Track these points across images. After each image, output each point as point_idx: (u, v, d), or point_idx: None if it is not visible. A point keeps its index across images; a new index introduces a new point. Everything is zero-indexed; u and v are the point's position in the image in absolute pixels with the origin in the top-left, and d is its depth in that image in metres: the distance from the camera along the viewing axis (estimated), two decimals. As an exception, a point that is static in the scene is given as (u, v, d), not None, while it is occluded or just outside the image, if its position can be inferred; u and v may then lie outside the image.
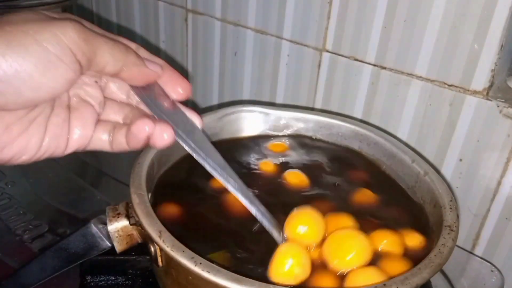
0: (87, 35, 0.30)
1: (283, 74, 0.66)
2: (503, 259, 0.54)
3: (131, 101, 0.37)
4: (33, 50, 0.28)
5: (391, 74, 0.56)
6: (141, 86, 0.35)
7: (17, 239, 0.52)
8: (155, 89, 0.35)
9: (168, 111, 0.35)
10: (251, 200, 0.36)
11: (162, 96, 0.35)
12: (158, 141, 0.33)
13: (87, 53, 0.30)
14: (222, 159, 0.36)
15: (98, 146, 0.35)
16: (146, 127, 0.33)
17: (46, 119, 0.32)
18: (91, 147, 0.35)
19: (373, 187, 0.45)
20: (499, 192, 0.52)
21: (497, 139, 0.50)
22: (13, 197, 0.58)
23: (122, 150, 0.35)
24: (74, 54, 0.29)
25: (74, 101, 0.34)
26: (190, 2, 0.74)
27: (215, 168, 0.35)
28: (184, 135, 0.34)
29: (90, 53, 0.30)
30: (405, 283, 0.31)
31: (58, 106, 0.33)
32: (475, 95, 0.50)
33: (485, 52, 0.48)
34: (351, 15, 0.56)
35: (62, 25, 0.29)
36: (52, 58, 0.28)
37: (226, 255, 0.37)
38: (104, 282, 0.46)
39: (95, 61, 0.31)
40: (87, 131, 0.34)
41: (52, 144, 0.33)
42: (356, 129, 0.49)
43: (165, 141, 0.33)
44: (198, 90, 0.81)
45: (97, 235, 0.38)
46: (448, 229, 0.36)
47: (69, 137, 0.33)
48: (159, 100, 0.35)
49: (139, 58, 0.33)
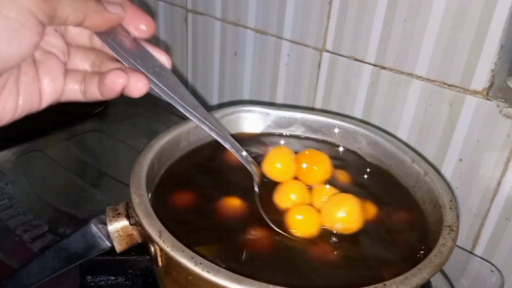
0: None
1: (283, 74, 0.66)
2: (503, 259, 0.54)
3: (95, 44, 0.36)
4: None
5: (391, 74, 0.56)
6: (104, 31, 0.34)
7: (17, 239, 0.52)
8: (118, 31, 0.34)
9: (135, 54, 0.34)
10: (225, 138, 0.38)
11: (126, 37, 0.34)
12: (134, 91, 0.33)
13: (47, 11, 0.29)
14: (194, 100, 0.36)
15: (71, 97, 0.34)
16: (120, 79, 0.32)
17: (16, 80, 0.32)
18: (64, 99, 0.34)
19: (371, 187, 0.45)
20: (499, 192, 0.52)
21: (497, 139, 0.50)
22: (13, 197, 0.58)
23: (96, 100, 0.35)
24: (35, 16, 0.28)
25: (38, 55, 0.33)
26: (190, 2, 0.74)
27: (188, 109, 0.35)
28: (155, 78, 0.34)
29: (50, 10, 0.29)
30: (405, 283, 0.31)
31: (25, 64, 0.32)
32: (475, 95, 0.50)
33: (485, 52, 0.48)
34: (351, 15, 0.56)
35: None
36: (15, 25, 0.28)
37: (216, 248, 0.37)
38: (104, 282, 0.46)
39: (56, 17, 0.30)
40: (57, 83, 0.33)
41: (27, 103, 0.32)
42: (356, 129, 0.49)
43: (140, 90, 0.33)
44: (198, 90, 0.81)
45: (97, 235, 0.38)
46: (448, 229, 0.36)
47: (41, 92, 0.33)
48: (124, 43, 0.34)
49: (99, 4, 0.33)
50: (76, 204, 0.58)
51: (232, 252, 0.37)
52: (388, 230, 0.41)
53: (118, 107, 0.81)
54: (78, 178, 0.64)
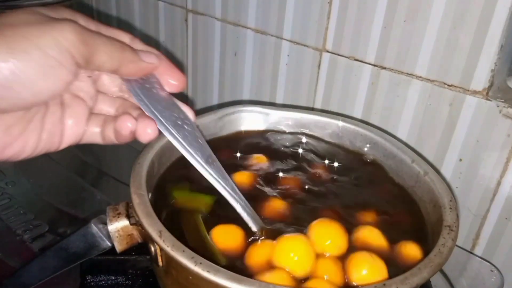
0: (85, 36, 0.30)
1: (283, 74, 0.66)
2: (503, 259, 0.54)
3: (123, 94, 0.37)
4: (34, 56, 0.28)
5: (391, 74, 0.56)
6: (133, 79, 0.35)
7: (17, 239, 0.52)
8: (149, 81, 0.35)
9: (159, 104, 0.35)
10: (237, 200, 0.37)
11: (156, 88, 0.35)
12: (142, 136, 0.34)
13: (85, 55, 0.30)
14: (212, 155, 0.36)
15: (90, 139, 0.35)
16: (128, 124, 0.33)
17: (43, 117, 0.33)
18: (84, 141, 0.35)
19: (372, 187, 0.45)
20: (498, 192, 0.52)
21: (496, 139, 0.50)
22: (13, 197, 0.58)
23: (113, 143, 0.35)
24: (73, 57, 0.30)
25: (67, 98, 0.34)
26: (190, 2, 0.74)
27: (202, 165, 0.35)
28: (173, 129, 0.34)
29: (88, 54, 0.30)
30: (405, 283, 0.31)
31: (53, 104, 0.33)
32: (475, 95, 0.50)
33: (485, 52, 0.48)
34: (351, 15, 0.56)
35: (61, 27, 0.29)
36: (52, 62, 0.29)
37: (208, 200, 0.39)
38: (104, 282, 0.46)
39: (93, 62, 0.31)
40: (80, 127, 0.34)
41: (48, 141, 0.33)
42: (356, 129, 0.49)
43: (149, 135, 0.34)
44: (198, 90, 0.81)
45: (97, 235, 0.38)
46: (448, 229, 0.36)
47: (63, 133, 0.34)
48: (150, 92, 0.35)
49: (135, 54, 0.34)
50: (76, 204, 0.59)
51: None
52: (388, 230, 0.41)
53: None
54: (79, 178, 0.64)
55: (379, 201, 0.44)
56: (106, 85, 0.36)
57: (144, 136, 0.34)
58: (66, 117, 0.34)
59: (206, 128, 0.48)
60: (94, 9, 0.95)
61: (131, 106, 0.36)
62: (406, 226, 0.41)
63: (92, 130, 0.35)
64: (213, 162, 0.36)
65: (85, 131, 0.35)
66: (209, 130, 0.49)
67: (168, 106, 0.35)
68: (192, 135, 0.35)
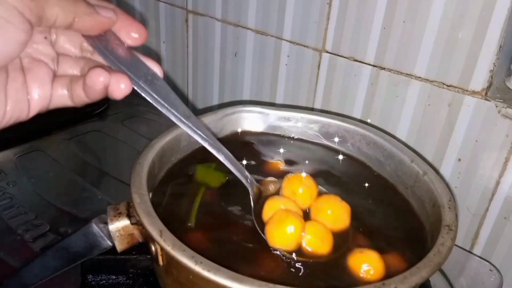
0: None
1: (283, 74, 0.66)
2: (502, 258, 0.55)
3: (85, 53, 0.35)
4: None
5: (390, 74, 0.56)
6: (95, 36, 0.33)
7: (18, 239, 0.52)
8: (109, 38, 0.33)
9: (126, 60, 0.33)
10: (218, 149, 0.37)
11: (118, 44, 0.33)
12: (116, 91, 0.32)
13: (34, 10, 0.28)
14: (186, 109, 0.35)
15: (59, 103, 0.34)
16: (100, 78, 0.31)
17: (4, 86, 0.31)
18: (53, 105, 0.34)
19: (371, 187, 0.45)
20: (497, 191, 0.52)
21: (495, 139, 0.50)
22: (14, 197, 0.58)
23: (84, 103, 0.34)
24: (22, 13, 0.28)
25: (27, 62, 0.32)
26: (191, 3, 0.75)
27: (180, 119, 0.34)
28: (145, 85, 0.33)
29: (38, 9, 0.29)
30: (404, 282, 0.31)
31: (12, 70, 0.32)
32: (473, 95, 0.51)
33: (484, 52, 0.48)
34: (351, 16, 0.56)
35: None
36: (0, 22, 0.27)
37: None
38: (105, 281, 0.46)
39: (45, 17, 0.29)
40: (45, 91, 0.33)
41: (15, 110, 0.32)
42: (356, 129, 0.49)
43: (122, 90, 0.32)
44: (199, 90, 0.82)
45: (98, 235, 0.38)
46: (447, 229, 0.36)
47: (30, 99, 0.32)
48: (115, 49, 0.33)
49: (90, 6, 0.32)
50: (77, 203, 0.59)
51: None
52: (387, 229, 0.41)
53: (119, 107, 0.82)
54: (79, 177, 0.64)
55: (379, 201, 0.44)
56: (66, 46, 0.34)
57: (118, 91, 0.32)
58: (29, 82, 0.32)
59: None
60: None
61: (95, 65, 0.34)
62: (405, 226, 0.42)
63: (59, 92, 0.33)
64: (189, 116, 0.35)
65: (52, 94, 0.33)
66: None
67: (134, 62, 0.34)
68: (164, 90, 0.34)
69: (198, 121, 0.35)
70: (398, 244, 0.40)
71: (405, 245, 0.39)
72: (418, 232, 0.41)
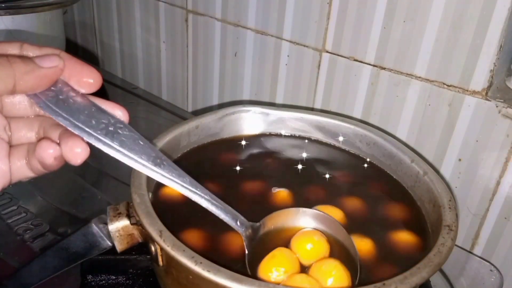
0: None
1: (283, 74, 0.66)
2: (502, 258, 0.55)
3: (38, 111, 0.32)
4: None
5: (391, 74, 0.56)
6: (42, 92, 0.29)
7: (18, 239, 0.52)
8: (61, 89, 0.29)
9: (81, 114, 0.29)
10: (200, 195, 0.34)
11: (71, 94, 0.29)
12: (72, 159, 0.29)
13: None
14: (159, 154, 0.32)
15: (21, 175, 0.31)
16: (49, 151, 0.28)
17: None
18: (15, 180, 0.31)
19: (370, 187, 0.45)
20: (498, 192, 0.52)
21: (496, 139, 0.50)
22: (14, 197, 0.58)
23: (44, 173, 0.31)
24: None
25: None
26: (191, 3, 0.75)
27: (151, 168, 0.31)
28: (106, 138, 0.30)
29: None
30: (405, 283, 0.31)
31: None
32: (474, 95, 0.50)
33: (484, 52, 0.48)
34: (351, 15, 0.56)
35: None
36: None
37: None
38: (105, 282, 0.46)
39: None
40: (3, 167, 0.29)
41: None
42: (356, 129, 0.49)
43: (79, 156, 0.29)
44: (199, 90, 0.81)
45: (98, 235, 0.38)
46: (447, 229, 0.36)
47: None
48: (68, 102, 0.29)
49: (28, 62, 0.28)
50: (77, 203, 0.59)
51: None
52: (387, 229, 0.41)
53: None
54: (79, 178, 0.64)
55: (379, 201, 0.44)
56: (14, 108, 0.30)
57: (75, 158, 0.28)
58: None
59: (207, 128, 0.48)
60: (94, 11, 0.96)
61: (52, 124, 0.31)
62: (405, 226, 0.42)
63: (17, 165, 0.30)
64: (162, 162, 0.32)
65: (11, 169, 0.30)
66: (209, 130, 0.49)
67: (92, 112, 0.30)
68: (130, 139, 0.31)
69: (172, 167, 0.32)
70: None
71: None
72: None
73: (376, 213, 0.43)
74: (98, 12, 0.95)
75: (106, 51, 0.97)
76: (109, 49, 0.96)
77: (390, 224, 0.41)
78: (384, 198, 0.44)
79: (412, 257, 0.38)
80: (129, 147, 0.30)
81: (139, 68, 0.91)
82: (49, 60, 0.29)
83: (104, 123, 0.30)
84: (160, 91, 0.89)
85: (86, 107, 0.30)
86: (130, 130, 0.31)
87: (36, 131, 0.31)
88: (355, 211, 0.42)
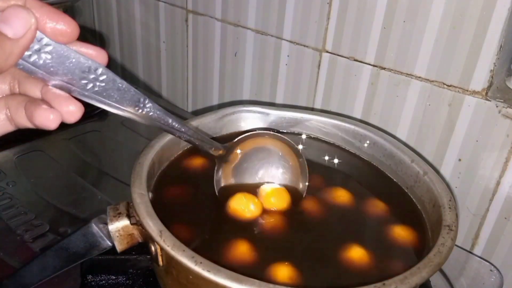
0: None
1: (283, 74, 0.66)
2: (502, 258, 0.55)
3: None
4: None
5: (391, 74, 0.56)
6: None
7: (18, 239, 0.52)
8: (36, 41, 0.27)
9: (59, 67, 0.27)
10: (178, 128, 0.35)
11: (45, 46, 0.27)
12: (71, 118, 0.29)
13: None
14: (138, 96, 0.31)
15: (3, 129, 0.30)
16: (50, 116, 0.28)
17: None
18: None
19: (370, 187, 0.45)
20: (498, 192, 0.52)
21: (496, 139, 0.50)
22: (14, 197, 0.58)
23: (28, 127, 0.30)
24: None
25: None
26: (191, 3, 0.75)
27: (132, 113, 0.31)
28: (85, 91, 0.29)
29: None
30: (405, 282, 0.31)
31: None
32: (474, 95, 0.50)
33: (484, 52, 0.48)
34: (351, 15, 0.56)
35: None
36: None
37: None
38: (105, 282, 0.46)
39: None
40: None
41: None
42: (356, 129, 0.49)
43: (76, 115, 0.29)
44: (199, 90, 0.81)
45: (98, 235, 0.38)
46: (447, 229, 0.36)
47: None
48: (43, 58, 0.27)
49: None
50: (77, 203, 0.59)
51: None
52: (387, 229, 0.41)
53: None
54: (79, 178, 0.64)
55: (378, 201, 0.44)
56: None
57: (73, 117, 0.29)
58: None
59: (207, 128, 0.49)
60: (94, 10, 0.96)
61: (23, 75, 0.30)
62: (405, 225, 0.42)
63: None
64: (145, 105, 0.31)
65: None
66: (210, 130, 0.49)
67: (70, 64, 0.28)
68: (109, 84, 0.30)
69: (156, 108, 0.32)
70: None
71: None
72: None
73: (376, 213, 0.43)
74: (98, 12, 0.95)
75: (106, 51, 0.97)
76: (109, 49, 0.96)
77: (390, 224, 0.41)
78: (384, 198, 0.44)
79: (412, 257, 0.38)
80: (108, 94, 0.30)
81: (139, 68, 0.91)
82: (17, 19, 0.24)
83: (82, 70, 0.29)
84: (160, 91, 0.89)
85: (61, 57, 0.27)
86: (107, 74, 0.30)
87: (8, 82, 0.30)
88: (355, 211, 0.42)
